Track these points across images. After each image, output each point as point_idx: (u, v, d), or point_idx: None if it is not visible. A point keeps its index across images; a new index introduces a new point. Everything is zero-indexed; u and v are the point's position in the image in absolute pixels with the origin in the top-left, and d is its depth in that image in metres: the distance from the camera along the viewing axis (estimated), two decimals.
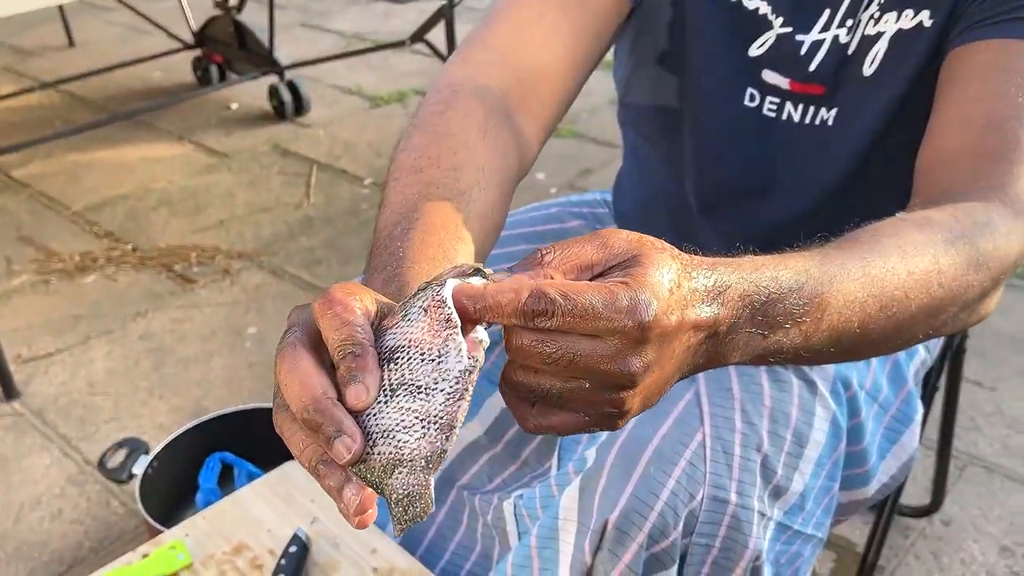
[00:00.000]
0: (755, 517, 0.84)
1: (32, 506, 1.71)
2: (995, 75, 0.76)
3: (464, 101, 0.78)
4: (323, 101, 3.58)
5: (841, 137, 0.88)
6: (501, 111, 0.79)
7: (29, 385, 2.03)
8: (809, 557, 0.93)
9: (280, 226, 2.68)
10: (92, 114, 3.50)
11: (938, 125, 0.78)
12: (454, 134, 0.74)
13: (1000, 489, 1.67)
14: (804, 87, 0.88)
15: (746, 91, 0.91)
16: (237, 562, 1.07)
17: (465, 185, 0.70)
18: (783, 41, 0.87)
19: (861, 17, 0.84)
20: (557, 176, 2.91)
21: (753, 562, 0.85)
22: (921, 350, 1.09)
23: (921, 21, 0.82)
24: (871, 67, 0.85)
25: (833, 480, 0.93)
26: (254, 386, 2.00)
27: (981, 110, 0.75)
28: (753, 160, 0.94)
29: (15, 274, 2.47)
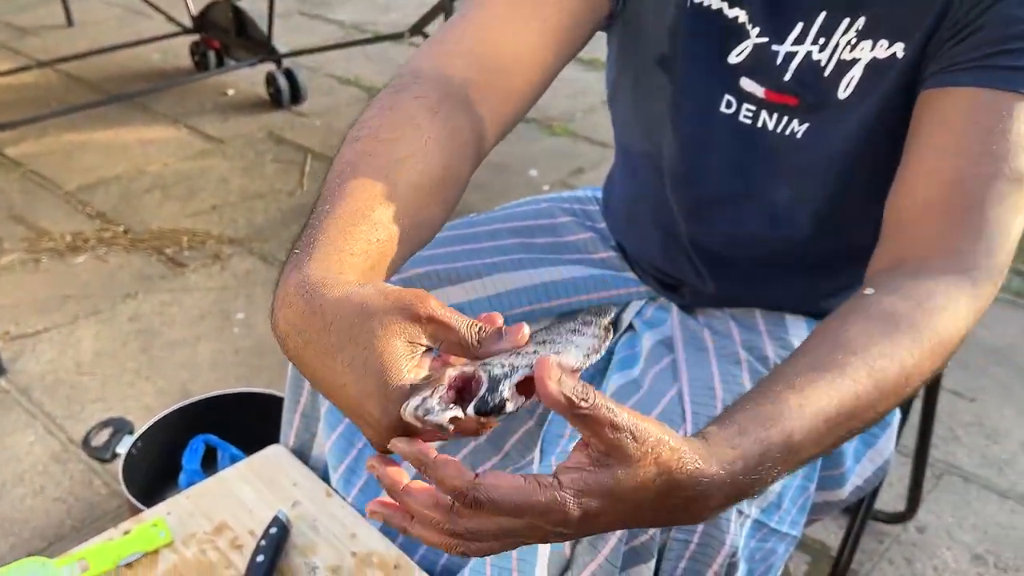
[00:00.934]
0: (733, 514, 0.86)
1: (15, 483, 1.72)
2: (965, 128, 0.77)
3: (421, 85, 0.78)
4: (320, 90, 3.58)
5: (811, 152, 0.90)
6: (460, 99, 0.80)
7: (16, 363, 2.03)
8: (783, 554, 0.95)
9: (273, 213, 2.68)
10: (88, 95, 3.50)
11: (909, 174, 0.79)
12: (402, 110, 0.75)
13: (976, 498, 1.69)
14: (778, 96, 0.89)
15: (723, 98, 0.92)
16: (218, 542, 1.08)
17: (402, 153, 0.71)
18: (759, 50, 0.89)
19: (839, 40, 0.85)
20: (550, 174, 2.92)
21: (729, 558, 0.86)
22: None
23: (895, 52, 0.83)
24: (845, 91, 0.86)
25: (809, 480, 0.95)
26: (240, 371, 2.01)
27: (949, 166, 0.76)
28: (730, 166, 0.96)
29: (5, 252, 2.47)
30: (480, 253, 1.11)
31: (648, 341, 1.01)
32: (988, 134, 0.76)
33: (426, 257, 1.09)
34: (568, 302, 1.09)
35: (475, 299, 1.08)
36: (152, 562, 1.05)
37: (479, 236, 1.14)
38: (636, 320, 1.07)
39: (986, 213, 0.74)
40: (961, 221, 0.75)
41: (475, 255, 1.11)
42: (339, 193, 0.67)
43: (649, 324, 1.06)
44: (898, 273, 0.74)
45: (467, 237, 1.13)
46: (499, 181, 2.74)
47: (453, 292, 1.07)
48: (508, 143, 1.14)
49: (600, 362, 1.06)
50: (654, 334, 1.03)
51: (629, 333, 1.07)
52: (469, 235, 1.14)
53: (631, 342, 1.04)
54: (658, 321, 1.06)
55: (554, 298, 1.09)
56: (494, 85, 0.83)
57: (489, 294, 1.08)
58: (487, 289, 1.08)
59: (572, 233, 1.17)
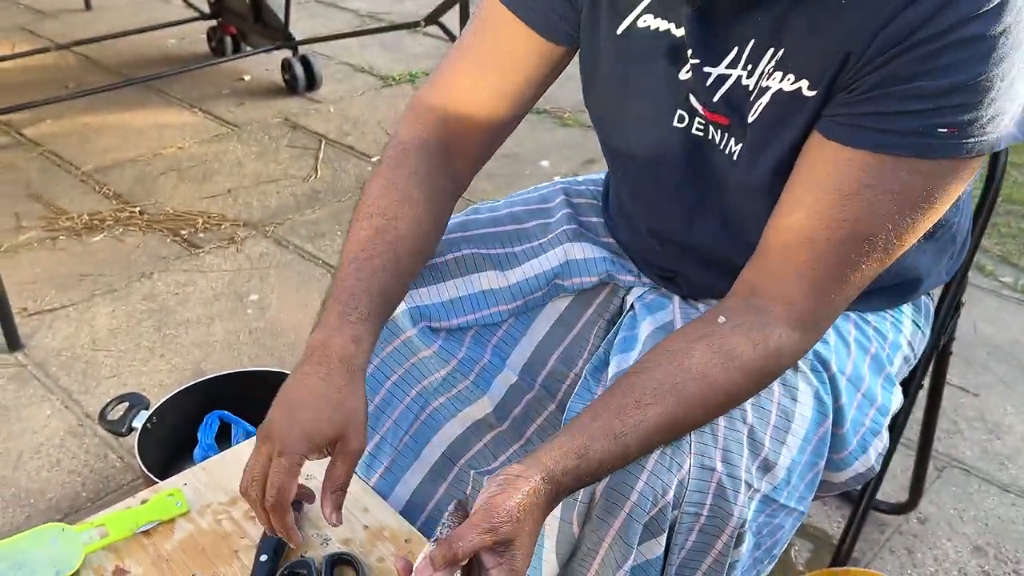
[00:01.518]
0: (742, 487, 0.88)
1: (31, 455, 1.75)
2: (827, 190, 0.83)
3: (411, 159, 1.01)
4: (335, 78, 3.60)
5: (745, 173, 0.92)
6: (440, 159, 1.03)
7: (33, 338, 2.06)
8: (789, 529, 0.97)
9: (287, 198, 2.71)
10: (106, 78, 3.53)
11: (782, 210, 0.88)
12: (399, 189, 0.99)
13: (977, 491, 1.71)
14: (712, 116, 0.93)
15: (676, 112, 0.96)
16: (233, 512, 1.11)
17: (403, 231, 0.98)
18: (696, 70, 0.92)
19: (763, 68, 0.88)
20: (561, 164, 2.94)
21: (737, 530, 0.88)
22: (904, 346, 1.12)
23: (801, 88, 0.85)
24: (753, 115, 0.89)
25: (819, 457, 0.97)
26: (253, 351, 2.04)
27: (806, 226, 0.85)
28: (685, 178, 0.99)
29: (23, 230, 2.50)
30: (487, 239, 1.14)
31: (648, 326, 1.04)
32: (847, 200, 0.82)
33: (456, 241, 1.12)
34: (580, 281, 1.11)
35: (504, 287, 1.11)
36: (169, 530, 1.08)
37: (500, 220, 1.17)
38: (637, 303, 1.10)
39: (829, 275, 0.85)
40: (805, 278, 0.86)
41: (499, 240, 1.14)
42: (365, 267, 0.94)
43: (650, 308, 1.08)
44: (749, 308, 0.88)
45: (486, 221, 1.16)
46: (511, 171, 2.76)
47: (485, 279, 1.11)
48: (520, 134, 1.17)
49: (604, 344, 1.09)
50: (654, 319, 1.06)
51: (630, 314, 1.09)
52: (488, 219, 1.17)
53: (631, 323, 1.07)
54: (659, 306, 1.08)
55: (566, 277, 1.12)
56: (464, 139, 1.05)
57: (511, 283, 1.12)
58: (508, 280, 1.12)
59: (586, 215, 1.19)
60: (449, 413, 1.10)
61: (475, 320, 1.10)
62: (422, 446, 1.10)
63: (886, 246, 0.84)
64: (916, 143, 0.78)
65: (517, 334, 1.12)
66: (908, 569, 1.56)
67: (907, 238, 0.84)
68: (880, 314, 1.10)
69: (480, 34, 1.03)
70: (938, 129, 0.77)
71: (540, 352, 1.13)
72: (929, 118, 0.77)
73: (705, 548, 0.89)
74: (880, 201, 0.81)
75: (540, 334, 1.13)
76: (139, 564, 1.02)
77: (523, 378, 1.12)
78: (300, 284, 2.28)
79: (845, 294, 0.86)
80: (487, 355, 1.11)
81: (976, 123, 0.77)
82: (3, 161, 2.90)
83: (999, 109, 0.77)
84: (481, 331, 1.11)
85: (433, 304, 1.08)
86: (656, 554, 0.88)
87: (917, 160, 0.79)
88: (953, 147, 0.78)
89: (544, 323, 1.13)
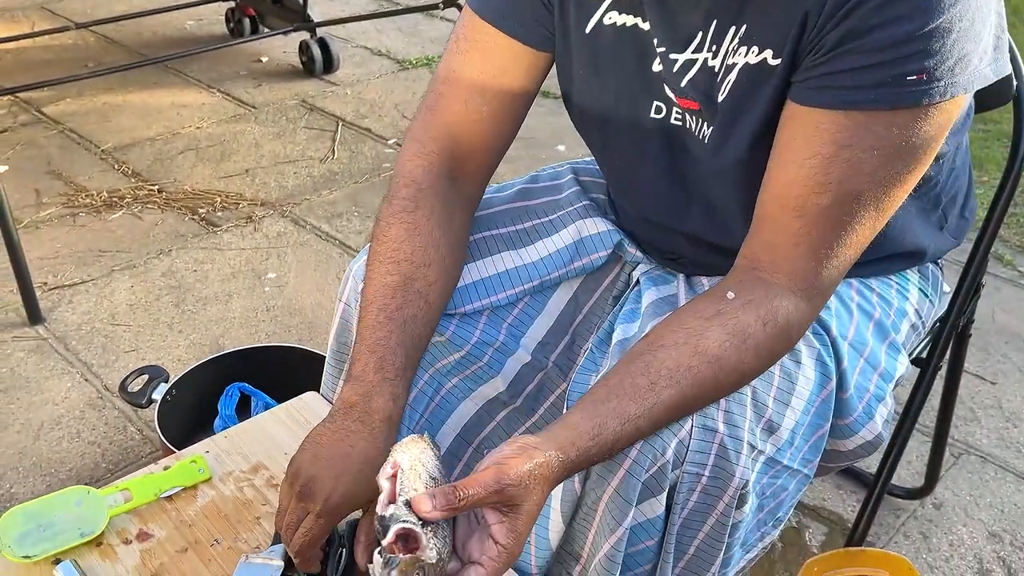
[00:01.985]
0: (744, 448, 0.89)
1: (52, 426, 1.77)
2: (809, 156, 0.83)
3: (427, 198, 1.02)
4: (352, 61, 3.61)
5: (719, 156, 0.93)
6: (450, 186, 1.04)
7: (53, 312, 2.08)
8: (793, 492, 0.98)
9: (304, 178, 2.72)
10: (124, 57, 3.54)
11: (769, 183, 0.88)
12: (424, 234, 1.00)
13: (993, 478, 1.70)
14: (683, 102, 0.94)
15: (652, 104, 0.97)
16: (254, 480, 1.12)
17: (432, 278, 0.99)
18: (663, 59, 0.93)
19: (727, 47, 0.88)
20: (578, 148, 2.91)
21: (740, 491, 0.89)
22: (911, 314, 1.12)
23: (765, 58, 0.86)
24: (723, 94, 0.90)
25: (823, 419, 0.97)
26: (271, 328, 2.05)
27: (794, 194, 0.85)
28: (665, 170, 1.00)
29: (44, 206, 2.52)
30: (493, 219, 1.15)
31: (652, 296, 1.05)
32: (828, 163, 0.82)
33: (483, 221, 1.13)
34: (593, 259, 1.12)
35: (519, 266, 1.12)
36: (191, 496, 1.09)
37: (510, 198, 1.18)
38: (643, 278, 1.11)
39: (824, 239, 0.85)
40: (802, 245, 0.86)
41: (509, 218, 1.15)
42: (392, 316, 0.95)
43: (655, 281, 1.09)
44: (755, 281, 0.88)
45: (496, 201, 1.17)
46: (527, 155, 2.76)
47: (500, 261, 1.12)
48: (536, 118, 1.17)
49: (610, 318, 1.09)
50: (658, 291, 1.07)
51: (636, 289, 1.10)
52: (498, 199, 1.17)
53: (636, 297, 1.08)
54: (664, 281, 1.09)
55: (581, 256, 1.12)
56: (468, 161, 1.06)
57: (526, 262, 1.12)
58: (523, 259, 1.12)
59: (595, 192, 1.19)
60: (463, 393, 1.11)
61: (490, 304, 1.10)
62: (437, 428, 1.11)
63: (876, 203, 0.84)
64: (887, 94, 0.79)
65: (532, 313, 1.13)
66: (923, 554, 1.56)
67: (896, 192, 0.84)
68: (884, 281, 1.10)
69: (467, 55, 1.03)
70: (907, 77, 0.78)
71: (553, 331, 1.14)
72: (894, 67, 0.78)
73: (707, 509, 0.89)
74: (861, 159, 0.81)
75: (554, 314, 1.14)
76: (162, 528, 1.03)
77: (536, 357, 1.13)
78: (317, 264, 2.29)
79: (845, 256, 0.87)
80: (501, 335, 1.12)
81: (943, 66, 0.78)
82: (24, 138, 2.92)
83: (964, 50, 0.78)
84: (495, 312, 1.12)
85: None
86: (656, 513, 0.88)
87: (890, 112, 0.80)
88: (924, 93, 0.78)
89: (558, 302, 1.14)
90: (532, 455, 0.77)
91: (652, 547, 0.91)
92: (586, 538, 0.91)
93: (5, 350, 1.96)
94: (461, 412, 1.11)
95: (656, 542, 0.91)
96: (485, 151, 1.06)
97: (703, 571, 0.94)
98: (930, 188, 1.06)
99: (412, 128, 1.07)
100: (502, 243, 1.12)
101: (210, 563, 0.99)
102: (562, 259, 1.12)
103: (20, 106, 3.15)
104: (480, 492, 0.74)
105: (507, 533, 0.76)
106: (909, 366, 1.13)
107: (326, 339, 1.16)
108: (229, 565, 0.98)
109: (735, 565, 0.97)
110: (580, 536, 0.92)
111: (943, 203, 1.10)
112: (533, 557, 0.96)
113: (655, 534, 0.90)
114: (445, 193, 1.03)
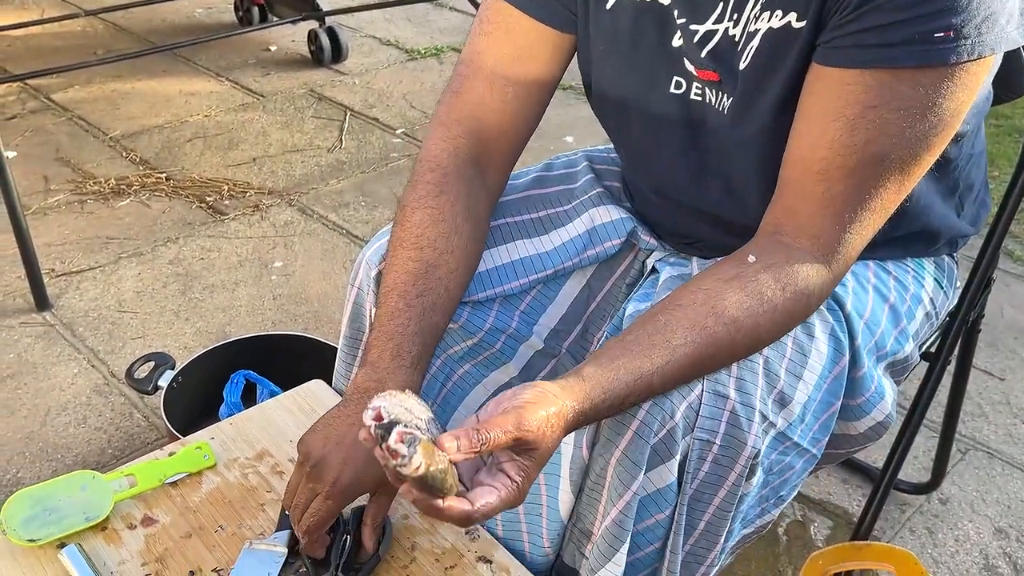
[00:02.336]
0: (756, 416, 0.88)
1: (58, 411, 1.77)
2: (834, 117, 0.82)
3: (452, 184, 1.01)
4: (360, 50, 3.60)
5: (740, 127, 0.92)
6: (475, 172, 1.04)
7: (60, 298, 2.08)
8: (800, 472, 0.97)
9: (311, 167, 2.72)
10: (133, 45, 3.54)
11: (793, 146, 0.87)
12: (447, 220, 0.99)
13: (1000, 474, 1.70)
14: (704, 73, 0.93)
15: (672, 79, 0.96)
16: (259, 467, 1.12)
17: (454, 265, 0.98)
18: (684, 31, 0.92)
19: (749, 14, 0.88)
20: (586, 139, 2.92)
21: (751, 461, 0.88)
22: (927, 302, 1.11)
23: (789, 22, 0.85)
24: (744, 61, 0.89)
25: (834, 397, 0.96)
26: (277, 317, 2.05)
27: (818, 157, 0.84)
28: (686, 144, 0.99)
29: (52, 193, 2.52)
30: (527, 204, 1.14)
31: (667, 274, 1.05)
32: (853, 124, 0.81)
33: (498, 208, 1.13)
34: (607, 247, 1.11)
35: (533, 255, 1.12)
36: (196, 482, 1.09)
37: (525, 186, 1.17)
38: (658, 264, 1.10)
39: (848, 202, 0.84)
40: (826, 208, 0.85)
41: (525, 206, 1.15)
42: (411, 303, 0.95)
43: (671, 265, 1.09)
44: (777, 245, 0.87)
45: (511, 189, 1.16)
46: (536, 146, 2.74)
47: (515, 249, 1.12)
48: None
49: (621, 302, 1.09)
50: (673, 268, 1.07)
51: (651, 277, 1.09)
52: (512, 186, 1.17)
53: (652, 283, 1.07)
54: (679, 265, 1.09)
55: (595, 244, 1.12)
56: (493, 148, 1.05)
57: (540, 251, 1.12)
58: (537, 248, 1.12)
59: (609, 180, 1.19)
60: (475, 379, 1.11)
61: (504, 292, 1.10)
62: (449, 414, 1.11)
63: (902, 166, 0.83)
64: (914, 51, 0.78)
65: (545, 301, 1.13)
66: (928, 549, 1.55)
67: (923, 156, 0.83)
68: (901, 265, 1.09)
69: (491, 36, 1.03)
70: (934, 34, 0.77)
71: (567, 319, 1.13)
72: (921, 24, 0.77)
73: (718, 480, 0.89)
74: (887, 120, 0.80)
75: (567, 302, 1.13)
76: (167, 514, 1.04)
77: (548, 344, 1.13)
78: (324, 253, 2.29)
79: (869, 221, 0.86)
80: (514, 322, 1.11)
81: (970, 24, 0.76)
82: (32, 125, 2.92)
83: (990, 9, 0.77)
84: (508, 299, 1.11)
85: None
86: (668, 481, 0.88)
87: (917, 71, 0.79)
88: (952, 51, 0.77)
89: (571, 291, 1.13)
90: (551, 401, 0.76)
91: (663, 521, 0.90)
92: (596, 512, 0.91)
93: (12, 336, 1.97)
94: (473, 398, 1.11)
95: (667, 516, 0.90)
96: (509, 135, 1.05)
97: (711, 547, 0.93)
98: (950, 170, 1.05)
99: (437, 112, 1.06)
100: (516, 231, 1.12)
101: (214, 549, 0.99)
102: (575, 247, 1.12)
103: (29, 93, 3.15)
104: (501, 436, 0.73)
105: (519, 470, 0.76)
106: (917, 357, 1.13)
107: (332, 328, 1.17)
108: (233, 551, 0.98)
109: (732, 539, 0.96)
110: (590, 511, 0.92)
111: (960, 189, 1.09)
112: (545, 530, 0.95)
113: (666, 507, 0.89)
114: (470, 179, 1.03)
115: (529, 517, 0.97)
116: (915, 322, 1.09)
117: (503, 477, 0.76)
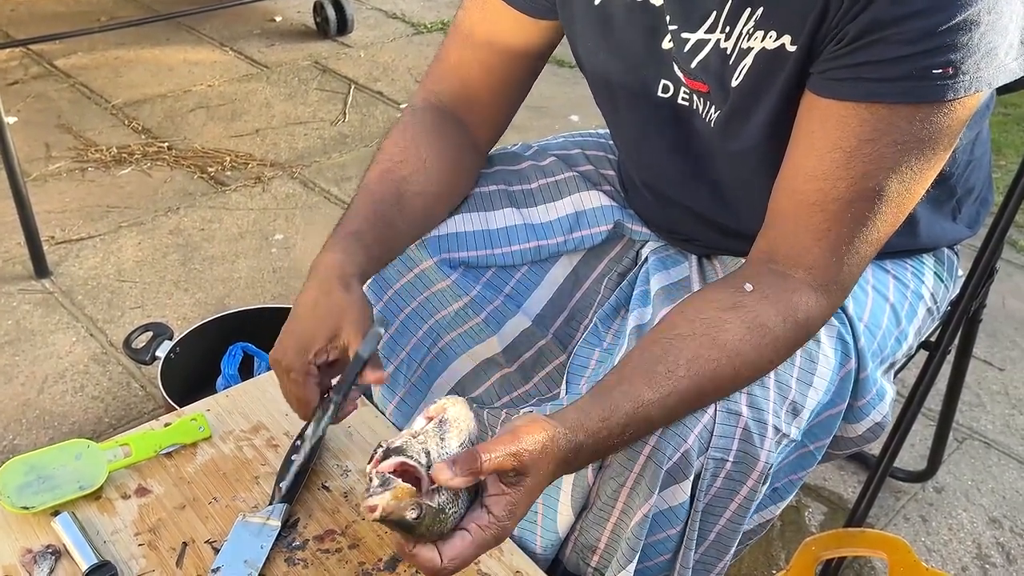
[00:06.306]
0: (769, 431, 0.87)
1: (56, 379, 1.77)
2: (830, 150, 0.81)
3: (423, 115, 1.06)
4: (366, 23, 3.57)
5: (728, 140, 0.91)
6: (452, 119, 1.07)
7: (60, 266, 2.08)
8: (800, 472, 0.97)
9: (314, 140, 2.70)
10: (138, 13, 3.51)
11: (787, 175, 0.86)
12: (409, 138, 1.04)
13: (996, 464, 1.70)
14: (692, 83, 0.92)
15: (660, 82, 0.95)
16: (254, 440, 1.12)
17: (407, 171, 1.02)
18: (675, 37, 0.90)
19: (742, 29, 0.86)
20: (592, 119, 2.89)
21: (765, 475, 0.88)
22: (927, 298, 1.10)
23: (783, 44, 0.83)
24: (736, 79, 0.87)
25: (840, 398, 0.96)
26: (277, 290, 2.04)
27: (812, 188, 0.83)
28: (674, 147, 0.98)
29: (53, 160, 2.51)
30: (520, 176, 1.15)
31: (662, 280, 1.04)
32: (850, 158, 0.80)
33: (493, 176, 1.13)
34: (592, 232, 1.12)
35: (520, 224, 1.12)
36: (191, 454, 1.09)
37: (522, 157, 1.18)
38: (652, 256, 1.10)
39: (843, 234, 0.83)
40: (820, 240, 0.84)
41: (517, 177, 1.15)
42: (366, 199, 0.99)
43: (664, 263, 1.08)
44: (772, 275, 0.86)
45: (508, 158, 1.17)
46: (540, 124, 2.74)
47: (502, 216, 1.11)
48: (549, 87, 1.17)
49: (616, 292, 1.08)
50: (668, 275, 1.05)
51: (644, 268, 1.08)
52: (510, 156, 1.17)
53: (645, 278, 1.06)
54: (674, 263, 1.08)
55: (580, 228, 1.12)
56: (475, 105, 1.08)
57: (526, 222, 1.12)
58: (523, 219, 1.12)
59: (603, 167, 1.18)
60: (459, 350, 1.11)
61: (490, 257, 1.10)
62: (433, 380, 1.11)
63: (898, 198, 0.82)
64: (911, 88, 0.77)
65: (532, 282, 1.13)
66: (922, 537, 1.55)
67: (917, 187, 0.83)
68: (899, 263, 1.09)
69: (469, 12, 1.06)
70: (932, 71, 0.75)
71: (554, 303, 1.13)
72: (920, 61, 0.75)
73: (730, 495, 0.88)
74: (883, 154, 0.79)
75: (554, 286, 1.13)
76: (161, 484, 1.04)
77: (536, 325, 1.13)
78: (326, 226, 2.28)
79: (864, 252, 0.85)
80: (500, 299, 1.12)
81: (969, 60, 0.75)
82: (34, 91, 2.90)
83: (991, 44, 0.76)
84: (498, 274, 1.11)
85: (450, 234, 1.09)
86: (680, 501, 0.87)
87: (914, 107, 0.78)
88: (949, 87, 0.76)
89: (558, 275, 1.14)
90: (544, 427, 0.75)
91: (674, 536, 0.90)
92: (603, 529, 0.90)
93: (11, 303, 1.97)
94: (456, 367, 1.11)
95: (678, 531, 0.90)
96: (495, 93, 1.08)
97: (721, 556, 0.94)
98: (945, 182, 1.04)
99: (423, 78, 1.12)
100: (508, 199, 1.12)
101: (207, 520, 0.99)
102: (562, 227, 1.12)
103: (32, 58, 3.13)
104: (500, 456, 0.72)
105: (504, 505, 0.74)
106: (911, 350, 1.12)
107: None
108: (226, 523, 0.98)
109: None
110: (596, 527, 0.91)
111: (958, 194, 1.09)
112: (539, 537, 0.95)
113: (677, 523, 0.89)
114: (443, 116, 1.07)
115: (523, 522, 0.97)
116: (916, 320, 1.08)
117: (482, 514, 0.74)
